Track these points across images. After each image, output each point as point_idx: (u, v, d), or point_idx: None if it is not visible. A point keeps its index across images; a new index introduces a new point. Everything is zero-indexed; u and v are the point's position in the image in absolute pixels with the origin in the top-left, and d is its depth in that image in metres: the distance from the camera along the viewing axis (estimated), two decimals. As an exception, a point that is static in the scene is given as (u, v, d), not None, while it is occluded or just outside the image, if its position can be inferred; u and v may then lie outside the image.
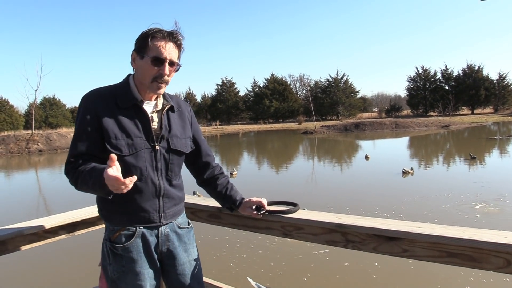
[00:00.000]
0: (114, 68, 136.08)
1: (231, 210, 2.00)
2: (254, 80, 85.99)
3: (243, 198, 1.96)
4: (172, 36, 1.63)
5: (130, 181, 1.34)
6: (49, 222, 2.06)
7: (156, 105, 1.71)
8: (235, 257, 5.70)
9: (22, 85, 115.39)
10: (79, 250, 6.30)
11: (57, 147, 31.92)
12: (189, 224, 1.88)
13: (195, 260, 1.83)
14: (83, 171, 1.49)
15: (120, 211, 1.63)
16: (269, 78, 71.54)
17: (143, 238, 1.66)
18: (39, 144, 31.51)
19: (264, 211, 1.95)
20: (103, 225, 2.31)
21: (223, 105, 71.37)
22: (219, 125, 64.62)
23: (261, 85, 72.39)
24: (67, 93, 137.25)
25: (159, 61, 1.59)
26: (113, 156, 1.34)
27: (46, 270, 5.83)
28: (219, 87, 73.97)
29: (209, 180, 1.96)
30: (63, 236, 2.15)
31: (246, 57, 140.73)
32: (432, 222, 1.67)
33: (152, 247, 1.68)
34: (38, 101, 54.22)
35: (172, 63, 1.63)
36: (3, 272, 5.61)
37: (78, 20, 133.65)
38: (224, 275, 5.06)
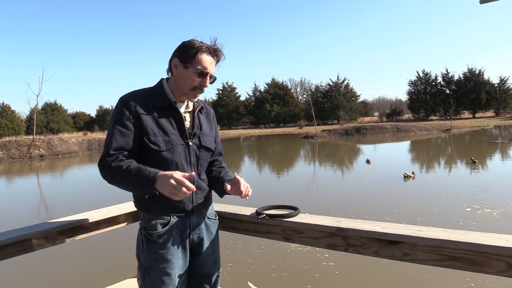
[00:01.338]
0: (116, 74, 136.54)
1: (221, 194, 1.91)
2: (255, 84, 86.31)
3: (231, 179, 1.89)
4: (216, 54, 1.79)
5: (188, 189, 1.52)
6: (51, 226, 2.06)
7: (187, 106, 1.86)
8: (226, 265, 5.66)
9: (23, 91, 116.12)
10: (81, 252, 6.30)
11: (58, 152, 31.93)
12: (215, 216, 2.00)
13: (216, 250, 1.95)
14: (126, 168, 1.61)
15: (157, 201, 1.73)
16: (270, 82, 71.52)
17: (177, 227, 1.77)
18: (40, 149, 31.52)
19: (264, 215, 1.95)
20: (104, 230, 2.33)
21: (224, 109, 71.37)
22: (220, 129, 64.60)
23: (262, 90, 72.37)
24: (68, 98, 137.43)
25: (203, 74, 1.74)
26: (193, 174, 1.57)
27: (47, 272, 5.82)
28: (220, 91, 74.02)
29: (208, 173, 1.99)
30: (64, 241, 2.15)
31: (247, 62, 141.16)
32: (433, 225, 1.67)
33: (185, 236, 1.80)
34: (40, 106, 54.43)
35: (211, 77, 1.79)
36: (3, 276, 5.60)
37: (80, 26, 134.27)
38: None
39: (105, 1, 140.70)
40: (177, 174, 1.52)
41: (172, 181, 1.50)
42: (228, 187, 1.78)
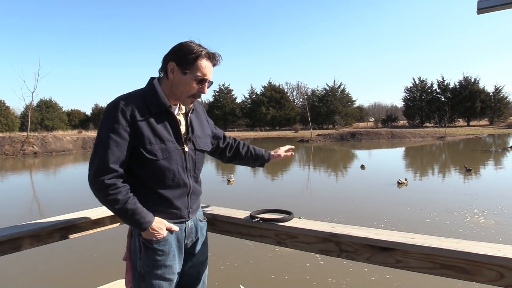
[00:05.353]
0: (112, 73, 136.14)
1: (263, 166, 2.26)
2: (252, 87, 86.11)
3: (269, 153, 2.25)
4: (215, 59, 1.74)
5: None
6: (43, 225, 2.04)
7: (180, 108, 1.80)
8: (219, 268, 5.66)
9: (19, 87, 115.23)
10: (73, 251, 6.27)
11: (52, 150, 31.77)
12: (204, 218, 2.00)
13: (206, 251, 1.97)
14: (125, 203, 1.61)
15: (154, 210, 1.71)
16: (266, 85, 71.61)
17: (175, 232, 1.76)
18: (34, 146, 31.35)
19: (258, 219, 1.96)
20: (97, 229, 2.31)
21: (220, 111, 71.32)
22: (216, 131, 64.31)
23: (258, 92, 72.41)
24: (64, 96, 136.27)
25: (202, 81, 1.69)
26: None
27: (38, 271, 5.78)
28: (217, 93, 73.96)
29: (233, 154, 2.17)
30: (56, 240, 2.13)
31: (244, 64, 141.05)
32: (426, 233, 1.67)
33: (182, 240, 1.79)
34: (35, 103, 53.94)
35: (209, 82, 1.74)
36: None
37: (77, 24, 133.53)
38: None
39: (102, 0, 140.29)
40: (164, 232, 1.70)
41: (158, 236, 1.68)
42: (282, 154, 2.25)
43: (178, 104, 1.79)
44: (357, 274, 5.17)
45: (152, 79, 1.76)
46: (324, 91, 69.96)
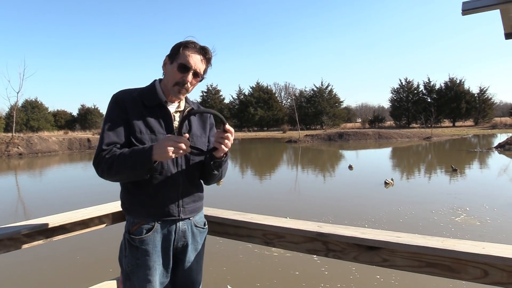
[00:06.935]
0: (99, 74, 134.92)
1: (215, 163, 1.78)
2: (240, 87, 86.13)
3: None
4: (203, 50, 1.76)
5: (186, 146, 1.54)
6: (28, 226, 2.01)
7: (178, 106, 1.84)
8: (207, 268, 5.63)
9: (3, 87, 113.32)
10: (58, 252, 6.19)
11: (37, 151, 31.35)
12: (205, 225, 1.94)
13: (200, 260, 1.91)
14: (120, 153, 1.61)
15: (142, 203, 1.72)
16: (254, 86, 71.69)
17: (162, 232, 1.73)
18: (19, 147, 30.90)
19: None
20: (81, 231, 2.29)
21: (208, 112, 71.18)
22: (204, 132, 64.04)
23: (246, 93, 72.47)
24: (49, 96, 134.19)
25: (184, 68, 1.72)
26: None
27: (24, 273, 5.70)
28: (204, 94, 73.85)
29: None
30: (40, 242, 2.10)
31: (232, 65, 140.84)
32: (412, 232, 1.68)
33: (169, 242, 1.75)
34: (20, 103, 53.24)
35: (196, 74, 1.74)
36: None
37: (64, 24, 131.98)
38: None
39: (88, 5, 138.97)
40: (170, 137, 1.54)
41: (170, 143, 1.51)
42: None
43: (177, 103, 1.84)
44: (354, 280, 5.18)
45: (154, 80, 1.86)
46: (311, 92, 70.28)
